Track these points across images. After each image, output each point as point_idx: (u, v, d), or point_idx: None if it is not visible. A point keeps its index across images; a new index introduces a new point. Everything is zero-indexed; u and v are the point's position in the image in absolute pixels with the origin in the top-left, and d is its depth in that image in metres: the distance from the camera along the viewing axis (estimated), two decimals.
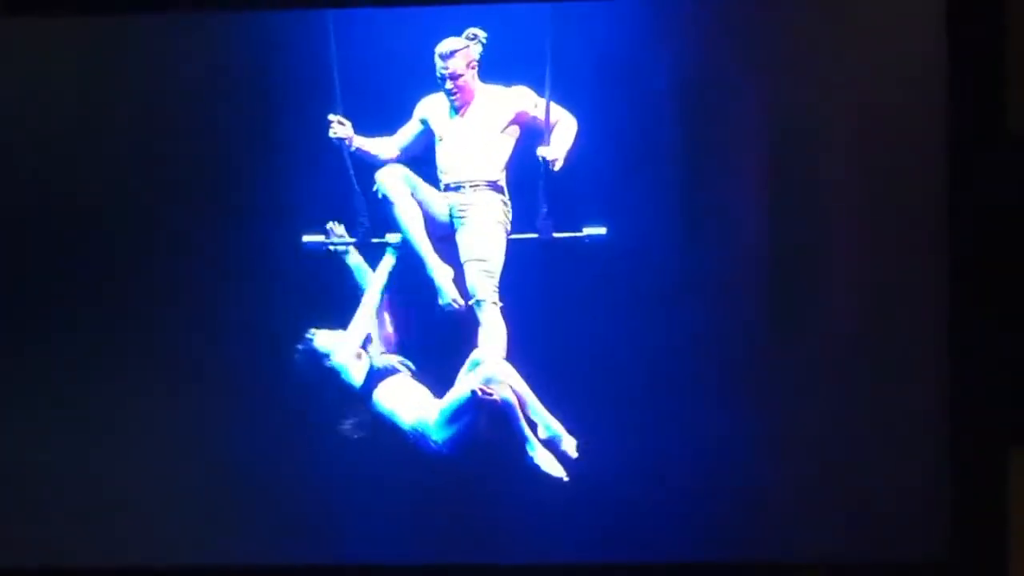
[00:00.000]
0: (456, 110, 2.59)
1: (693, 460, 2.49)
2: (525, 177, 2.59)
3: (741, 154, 2.50)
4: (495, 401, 2.49)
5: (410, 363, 2.61)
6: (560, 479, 2.51)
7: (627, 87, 2.51)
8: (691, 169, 2.51)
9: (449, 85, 2.55)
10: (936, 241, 2.41)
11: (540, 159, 2.54)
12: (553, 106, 2.54)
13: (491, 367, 2.51)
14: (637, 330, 2.52)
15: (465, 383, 2.52)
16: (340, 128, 2.55)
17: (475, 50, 2.55)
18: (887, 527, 2.45)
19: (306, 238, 2.57)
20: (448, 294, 2.57)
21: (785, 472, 2.47)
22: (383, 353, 2.62)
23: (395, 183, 2.57)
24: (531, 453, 2.52)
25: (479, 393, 2.49)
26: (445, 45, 2.53)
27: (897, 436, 2.44)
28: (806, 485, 2.47)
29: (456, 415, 2.52)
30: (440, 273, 2.57)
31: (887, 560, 2.46)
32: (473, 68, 2.56)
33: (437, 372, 2.57)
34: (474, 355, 2.54)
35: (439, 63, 2.54)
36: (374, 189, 2.58)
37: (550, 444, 2.53)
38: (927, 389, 2.42)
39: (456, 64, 2.54)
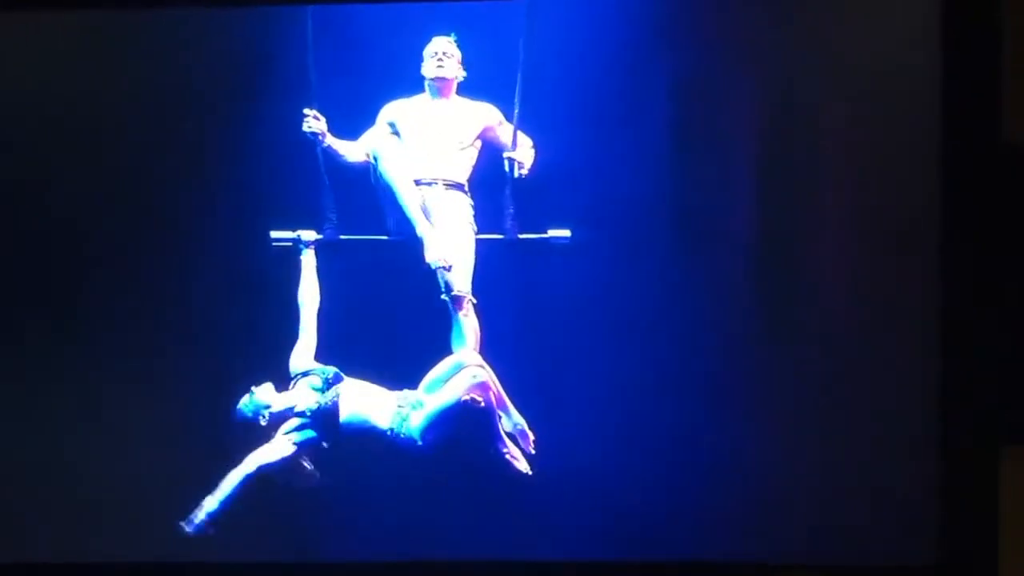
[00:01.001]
0: (437, 91, 2.60)
1: (681, 460, 2.48)
2: (487, 180, 2.61)
3: (728, 158, 2.49)
4: (482, 407, 2.48)
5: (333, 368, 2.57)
6: (526, 474, 2.50)
7: (600, 89, 2.52)
8: (667, 173, 2.50)
9: (440, 59, 2.57)
10: (929, 246, 2.40)
11: (507, 161, 2.57)
12: (507, 129, 2.58)
13: (479, 372, 2.50)
14: (610, 330, 2.51)
15: (451, 389, 2.50)
16: (315, 123, 2.57)
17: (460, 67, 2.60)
18: (878, 527, 2.43)
19: (274, 234, 2.58)
20: (436, 252, 2.55)
21: (774, 472, 2.45)
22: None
23: (390, 142, 2.61)
24: (503, 449, 2.51)
25: (470, 402, 2.48)
26: (443, 37, 2.58)
27: (888, 437, 2.43)
28: (796, 485, 2.44)
29: (442, 419, 2.50)
30: (428, 232, 2.57)
31: (878, 561, 2.44)
32: (458, 67, 2.59)
33: (399, 368, 2.55)
34: (457, 358, 2.52)
35: (439, 42, 2.57)
36: (368, 155, 2.60)
37: (513, 438, 2.53)
38: (918, 390, 2.41)
39: (454, 49, 2.58)
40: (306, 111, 2.57)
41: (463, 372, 2.50)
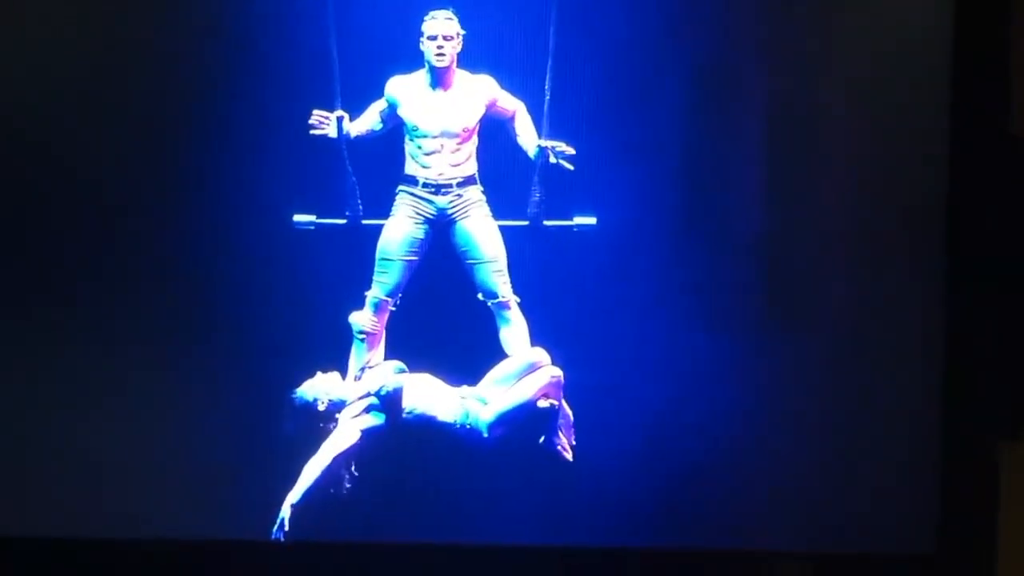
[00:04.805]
0: (438, 81, 2.51)
1: (687, 450, 2.52)
2: (499, 166, 2.57)
3: (741, 149, 2.51)
4: (556, 407, 2.51)
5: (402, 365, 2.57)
6: (570, 462, 2.54)
7: (626, 77, 2.51)
8: (687, 162, 2.51)
9: (441, 45, 2.48)
10: (934, 239, 2.45)
11: (540, 148, 2.52)
12: (507, 95, 2.53)
13: (558, 372, 2.51)
14: (629, 322, 2.54)
15: (526, 387, 2.51)
16: (322, 126, 2.50)
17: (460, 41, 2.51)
18: (878, 518, 2.50)
19: (297, 218, 2.54)
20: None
21: (777, 462, 2.51)
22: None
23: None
24: (556, 442, 2.54)
25: (546, 403, 2.51)
26: (442, 12, 2.48)
27: (888, 430, 2.49)
28: (798, 475, 2.51)
29: (514, 415, 2.51)
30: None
31: (877, 551, 2.51)
32: (458, 44, 2.50)
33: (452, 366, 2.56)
34: (527, 357, 2.52)
35: (437, 23, 2.47)
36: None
37: (563, 429, 2.56)
38: (919, 384, 2.47)
39: (453, 27, 2.48)
40: (315, 113, 2.49)
41: (540, 371, 2.51)
